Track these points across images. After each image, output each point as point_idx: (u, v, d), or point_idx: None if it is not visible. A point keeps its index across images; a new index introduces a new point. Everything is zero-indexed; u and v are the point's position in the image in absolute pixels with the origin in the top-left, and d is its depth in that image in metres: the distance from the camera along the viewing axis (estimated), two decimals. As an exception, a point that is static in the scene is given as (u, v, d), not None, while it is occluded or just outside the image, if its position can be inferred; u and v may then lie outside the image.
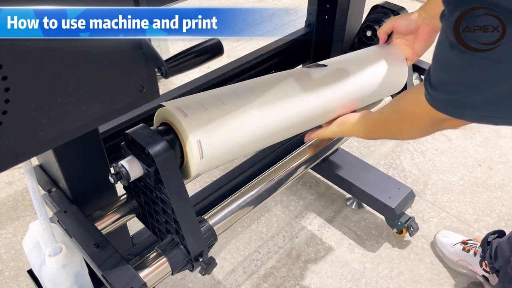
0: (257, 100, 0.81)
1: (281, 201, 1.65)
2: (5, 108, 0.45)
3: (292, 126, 0.87)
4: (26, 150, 0.49)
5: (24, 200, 1.63)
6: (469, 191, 1.70)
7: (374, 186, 1.49)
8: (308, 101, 0.87)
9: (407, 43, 1.00)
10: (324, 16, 1.34)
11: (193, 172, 0.77)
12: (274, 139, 0.87)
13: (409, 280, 1.40)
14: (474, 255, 1.37)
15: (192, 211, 0.77)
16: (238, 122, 0.78)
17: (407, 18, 0.97)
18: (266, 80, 0.88)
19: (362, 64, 0.97)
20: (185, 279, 1.40)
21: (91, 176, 0.89)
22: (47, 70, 0.46)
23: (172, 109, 0.74)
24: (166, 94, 1.11)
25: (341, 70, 0.94)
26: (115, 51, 0.51)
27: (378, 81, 0.98)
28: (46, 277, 0.78)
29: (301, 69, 0.94)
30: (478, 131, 1.97)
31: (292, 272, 1.42)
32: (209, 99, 0.78)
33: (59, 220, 0.82)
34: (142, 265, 0.76)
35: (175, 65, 0.53)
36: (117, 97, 0.54)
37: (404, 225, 1.44)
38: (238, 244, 1.50)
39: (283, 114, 0.84)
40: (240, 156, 0.85)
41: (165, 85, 2.16)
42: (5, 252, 1.46)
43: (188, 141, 0.73)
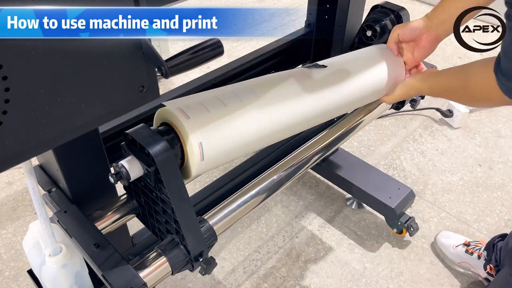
0: (258, 102, 0.81)
1: (281, 201, 1.65)
2: (5, 108, 0.45)
3: (292, 127, 0.87)
4: (26, 150, 0.49)
5: (24, 200, 1.63)
6: (469, 191, 1.70)
7: (374, 186, 1.49)
8: (308, 103, 0.87)
9: (408, 48, 1.00)
10: (324, 16, 1.34)
11: (193, 173, 0.77)
12: (274, 139, 0.87)
13: (409, 280, 1.40)
14: (478, 258, 1.36)
15: (192, 211, 0.77)
16: (239, 124, 0.78)
17: (411, 27, 0.98)
18: (267, 80, 0.88)
19: (362, 65, 0.97)
20: (185, 279, 1.40)
21: (91, 176, 0.89)
22: (47, 70, 0.46)
23: (173, 110, 0.74)
24: (166, 94, 1.11)
25: (341, 71, 0.95)
26: (115, 51, 0.51)
27: (377, 82, 0.98)
28: (46, 277, 0.78)
29: (301, 69, 0.94)
30: (478, 131, 1.97)
31: (292, 272, 1.42)
32: (210, 100, 0.78)
33: (59, 220, 0.82)
34: (142, 265, 0.76)
35: (175, 65, 0.53)
36: (117, 97, 0.54)
37: (404, 225, 1.44)
38: (238, 244, 1.50)
39: (283, 115, 0.84)
40: (240, 156, 0.85)
41: (165, 85, 2.16)
42: (5, 252, 1.46)
43: (190, 142, 0.73)
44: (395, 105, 1.16)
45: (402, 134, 1.96)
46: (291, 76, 0.89)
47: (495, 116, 2.06)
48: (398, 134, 1.97)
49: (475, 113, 2.07)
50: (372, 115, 1.13)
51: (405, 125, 2.01)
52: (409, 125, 2.02)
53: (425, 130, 1.99)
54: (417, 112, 2.08)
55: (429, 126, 2.01)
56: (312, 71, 0.92)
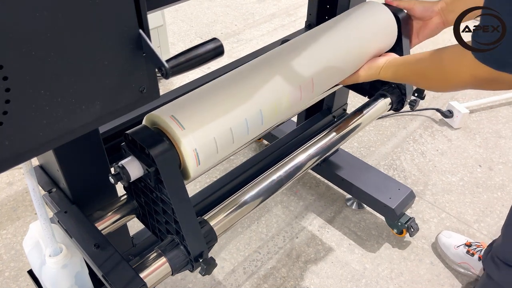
0: (247, 98, 0.82)
1: (281, 202, 1.65)
2: (5, 108, 0.45)
3: (280, 113, 0.89)
4: (27, 150, 0.49)
5: (24, 200, 1.64)
6: (469, 192, 1.70)
7: (374, 186, 1.49)
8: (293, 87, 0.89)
9: (414, 27, 1.02)
10: (324, 16, 1.34)
11: (191, 176, 0.78)
12: (264, 129, 0.88)
13: (409, 281, 1.40)
14: (479, 259, 1.37)
15: (192, 211, 0.77)
16: (231, 123, 0.79)
17: (425, 5, 1.00)
18: (255, 71, 0.88)
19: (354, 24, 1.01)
20: (185, 279, 1.40)
21: (91, 176, 0.89)
22: (48, 71, 0.46)
23: (167, 120, 0.74)
24: (166, 95, 1.11)
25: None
26: (115, 51, 0.51)
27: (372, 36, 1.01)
28: (46, 278, 0.78)
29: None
30: (478, 132, 1.98)
31: (292, 272, 1.42)
32: (200, 100, 0.79)
33: (60, 220, 0.82)
34: (142, 265, 0.76)
35: (176, 65, 0.53)
36: (117, 98, 0.54)
37: (404, 226, 1.44)
38: (238, 245, 1.50)
39: (269, 101, 0.85)
40: (235, 152, 0.86)
41: (165, 86, 2.16)
42: (5, 252, 1.46)
43: (185, 150, 0.74)
44: (394, 106, 1.16)
45: (402, 135, 1.96)
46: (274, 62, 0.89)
47: (495, 117, 2.06)
48: (398, 134, 1.97)
49: (475, 113, 2.07)
50: (372, 115, 1.13)
51: (405, 126, 2.02)
52: (409, 126, 2.02)
53: (425, 131, 1.99)
54: (417, 112, 2.08)
55: (429, 127, 2.01)
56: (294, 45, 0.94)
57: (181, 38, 2.66)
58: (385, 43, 1.05)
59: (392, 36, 1.06)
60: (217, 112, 0.78)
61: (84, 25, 0.46)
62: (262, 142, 1.89)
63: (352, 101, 1.84)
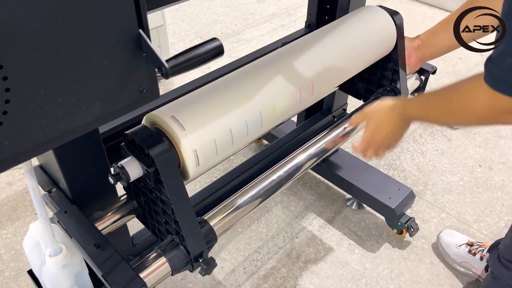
0: (247, 99, 0.82)
1: (281, 202, 1.65)
2: (5, 108, 0.45)
3: (280, 115, 0.89)
4: (27, 150, 0.49)
5: (24, 200, 1.63)
6: (469, 192, 1.70)
7: (374, 186, 1.49)
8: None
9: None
10: (324, 16, 1.34)
11: (190, 176, 0.78)
12: (263, 131, 0.89)
13: (409, 281, 1.40)
14: (481, 259, 1.37)
15: (192, 211, 0.77)
16: (231, 124, 0.79)
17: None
18: (253, 70, 0.89)
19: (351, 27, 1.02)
20: (185, 279, 1.40)
21: (91, 176, 0.89)
22: (48, 71, 0.46)
23: (167, 121, 0.74)
24: (166, 94, 1.11)
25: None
26: (115, 51, 0.51)
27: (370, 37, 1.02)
28: (46, 278, 0.78)
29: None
30: (478, 132, 1.97)
31: (292, 272, 1.42)
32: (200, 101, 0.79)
33: (59, 220, 0.82)
34: (142, 265, 0.76)
35: (176, 65, 0.53)
36: (117, 98, 0.54)
37: (404, 226, 1.44)
38: (238, 245, 1.50)
39: (268, 101, 0.86)
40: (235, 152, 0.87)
41: (165, 86, 2.16)
42: (5, 252, 1.46)
43: (185, 151, 0.74)
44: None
45: (402, 135, 1.96)
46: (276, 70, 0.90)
47: (495, 117, 2.06)
48: (398, 134, 1.97)
49: (475, 113, 2.07)
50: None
51: (405, 126, 2.01)
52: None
53: (425, 131, 1.99)
54: (417, 112, 2.08)
55: (429, 127, 2.01)
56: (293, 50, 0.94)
57: (181, 38, 2.66)
58: (384, 47, 1.06)
59: (390, 40, 1.06)
60: (217, 113, 0.78)
61: (84, 25, 0.46)
62: (262, 142, 1.89)
63: (352, 101, 1.84)
